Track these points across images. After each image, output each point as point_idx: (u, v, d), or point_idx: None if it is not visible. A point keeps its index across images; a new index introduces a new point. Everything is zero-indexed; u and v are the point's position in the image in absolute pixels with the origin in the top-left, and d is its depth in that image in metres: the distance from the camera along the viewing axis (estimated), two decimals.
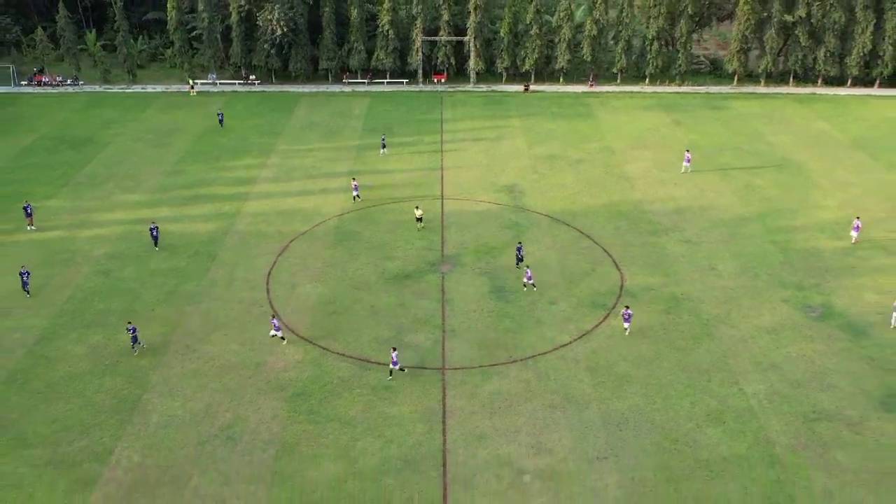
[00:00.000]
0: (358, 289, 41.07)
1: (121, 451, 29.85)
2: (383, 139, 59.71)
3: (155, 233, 44.06)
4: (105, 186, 53.81)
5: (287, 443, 30.25)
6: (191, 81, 73.50)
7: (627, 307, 36.98)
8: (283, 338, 36.26)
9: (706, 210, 50.46)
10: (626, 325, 36.73)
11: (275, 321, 35.93)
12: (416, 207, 47.30)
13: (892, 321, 37.44)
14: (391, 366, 33.43)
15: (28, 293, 39.76)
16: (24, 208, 47.08)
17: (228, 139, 62.97)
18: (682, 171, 55.35)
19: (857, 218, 46.19)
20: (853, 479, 28.64)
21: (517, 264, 42.50)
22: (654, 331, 37.52)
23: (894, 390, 33.39)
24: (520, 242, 43.89)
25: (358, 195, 50.08)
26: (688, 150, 56.74)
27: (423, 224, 46.96)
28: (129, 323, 36.05)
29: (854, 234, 45.48)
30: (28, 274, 39.97)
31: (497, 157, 58.74)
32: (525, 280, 40.10)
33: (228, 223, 48.21)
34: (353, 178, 51.43)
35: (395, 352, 33.34)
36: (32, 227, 46.83)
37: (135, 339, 35.28)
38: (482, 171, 56.18)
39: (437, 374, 34.39)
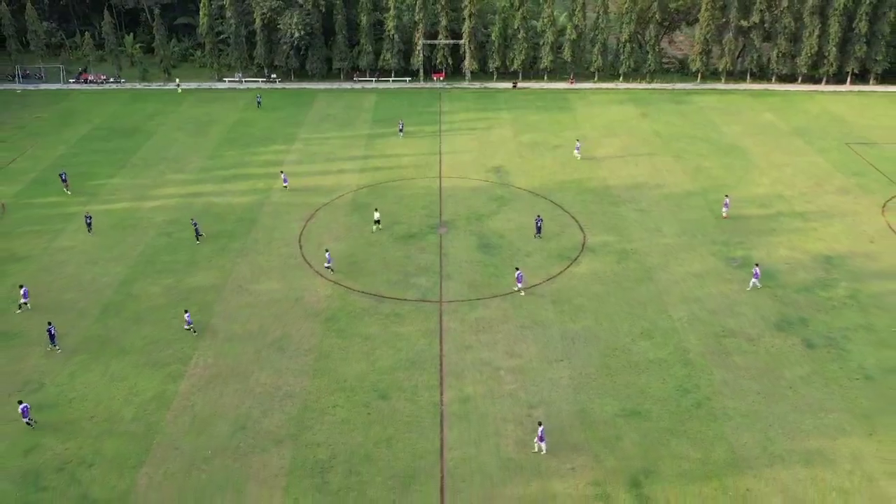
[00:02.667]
0: (372, 246, 51.28)
1: (197, 357, 40.03)
2: (401, 124, 69.75)
3: (196, 226, 51.54)
4: (157, 168, 63.94)
5: (323, 351, 40.46)
6: (177, 81, 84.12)
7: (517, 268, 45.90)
8: (331, 270, 47.19)
9: (660, 186, 60.55)
10: (518, 284, 45.16)
11: (328, 255, 46.77)
12: (375, 210, 53.36)
13: (751, 284, 46.13)
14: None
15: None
16: (60, 175, 59.25)
17: (256, 129, 73.05)
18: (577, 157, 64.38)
19: (727, 196, 55.65)
20: (744, 374, 38.84)
21: (536, 234, 51.54)
22: (607, 276, 47.71)
23: (787, 317, 43.53)
24: (539, 215, 52.79)
25: (286, 186, 58.66)
26: (578, 140, 66.00)
27: (380, 226, 52.60)
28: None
29: (724, 210, 54.20)
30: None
31: (487, 143, 68.73)
32: (518, 284, 45.37)
33: (263, 197, 58.34)
34: (282, 171, 60.36)
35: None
36: (68, 192, 58.27)
37: None
38: (474, 155, 66.25)
39: (435, 305, 44.59)
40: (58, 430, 35.16)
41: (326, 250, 47.93)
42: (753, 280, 45.95)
